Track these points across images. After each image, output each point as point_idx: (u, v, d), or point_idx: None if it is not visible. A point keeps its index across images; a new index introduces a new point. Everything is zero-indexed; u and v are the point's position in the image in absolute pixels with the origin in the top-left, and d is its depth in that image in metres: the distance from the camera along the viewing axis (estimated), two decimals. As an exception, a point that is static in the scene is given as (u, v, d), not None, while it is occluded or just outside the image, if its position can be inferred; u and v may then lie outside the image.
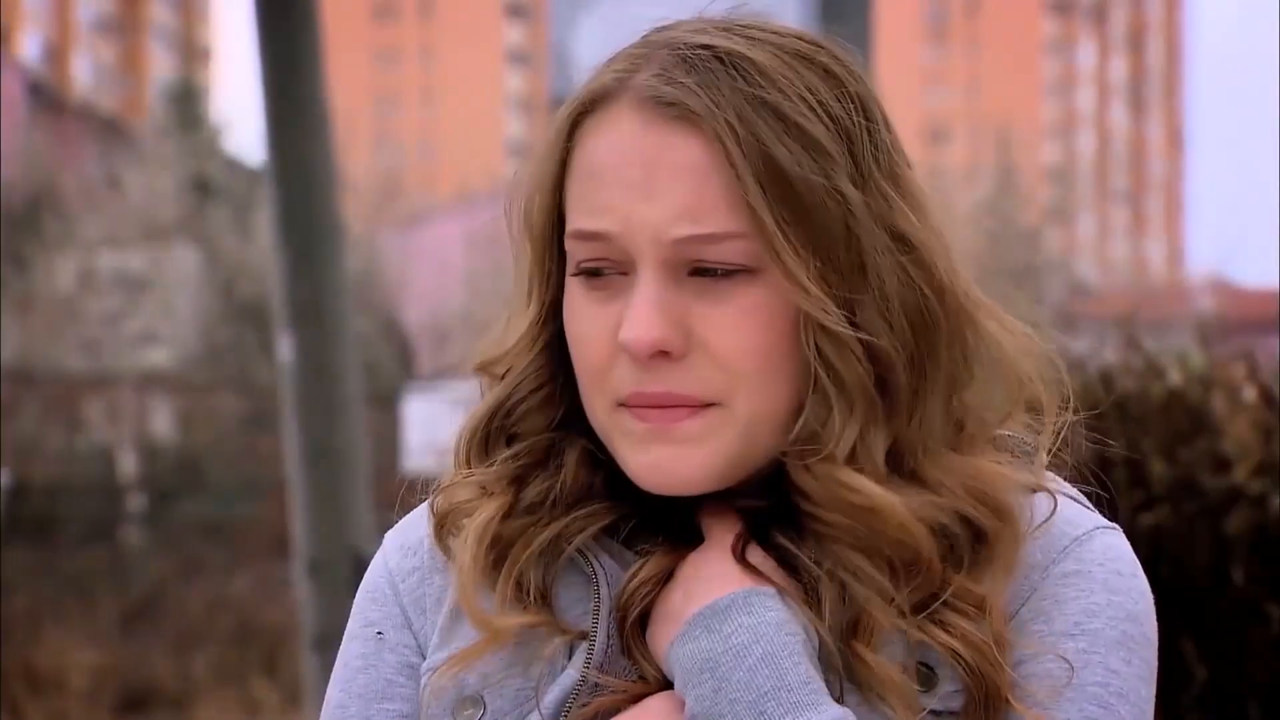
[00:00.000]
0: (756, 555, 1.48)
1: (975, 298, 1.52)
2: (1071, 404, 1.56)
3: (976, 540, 1.47)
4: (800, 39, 1.51)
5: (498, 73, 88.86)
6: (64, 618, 13.76)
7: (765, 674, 1.42)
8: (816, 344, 1.46)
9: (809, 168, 1.45)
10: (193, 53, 66.99)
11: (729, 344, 1.46)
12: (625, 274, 1.48)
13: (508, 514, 1.52)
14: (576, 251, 1.50)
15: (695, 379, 1.46)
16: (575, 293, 1.51)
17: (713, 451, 1.47)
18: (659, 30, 1.53)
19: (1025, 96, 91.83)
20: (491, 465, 1.54)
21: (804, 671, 1.42)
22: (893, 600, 1.44)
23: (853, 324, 1.46)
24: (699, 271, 1.47)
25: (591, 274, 1.49)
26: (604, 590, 1.50)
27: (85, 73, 63.94)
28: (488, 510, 1.52)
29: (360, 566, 1.65)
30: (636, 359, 1.46)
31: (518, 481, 1.54)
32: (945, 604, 1.45)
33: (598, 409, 1.50)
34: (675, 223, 1.45)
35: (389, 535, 1.63)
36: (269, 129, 7.48)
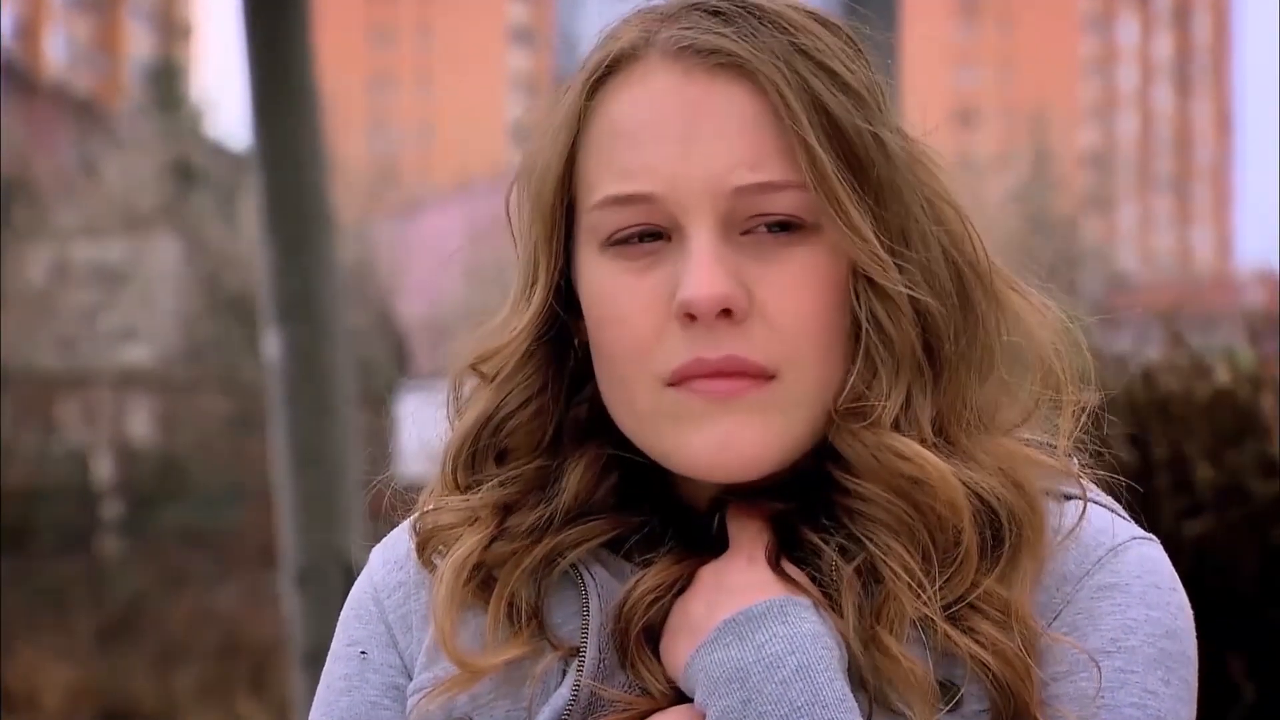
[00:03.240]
0: (788, 565, 1.48)
1: (999, 269, 1.53)
2: (1094, 382, 1.56)
3: (1008, 529, 1.47)
4: (814, 9, 1.53)
5: (500, 52, 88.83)
6: (37, 632, 13.77)
7: (800, 687, 1.41)
8: (869, 304, 1.47)
9: (857, 115, 1.47)
10: (173, 30, 66.98)
11: (789, 307, 1.46)
12: (667, 239, 1.47)
13: (493, 542, 1.52)
14: (606, 222, 1.48)
15: (757, 344, 1.46)
16: (604, 269, 1.49)
17: (781, 427, 1.46)
18: None
19: (1062, 76, 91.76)
20: (479, 489, 1.54)
21: (840, 688, 1.42)
22: (923, 590, 1.44)
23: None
24: (749, 231, 1.47)
25: (624, 243, 1.48)
26: (594, 603, 1.50)
27: (59, 51, 64.00)
28: (468, 544, 1.52)
29: (352, 577, 1.64)
30: (701, 319, 1.45)
31: (505, 510, 1.53)
32: (972, 608, 1.45)
33: (639, 395, 1.48)
34: (733, 171, 1.45)
35: (375, 550, 1.63)
36: (255, 111, 7.49)
